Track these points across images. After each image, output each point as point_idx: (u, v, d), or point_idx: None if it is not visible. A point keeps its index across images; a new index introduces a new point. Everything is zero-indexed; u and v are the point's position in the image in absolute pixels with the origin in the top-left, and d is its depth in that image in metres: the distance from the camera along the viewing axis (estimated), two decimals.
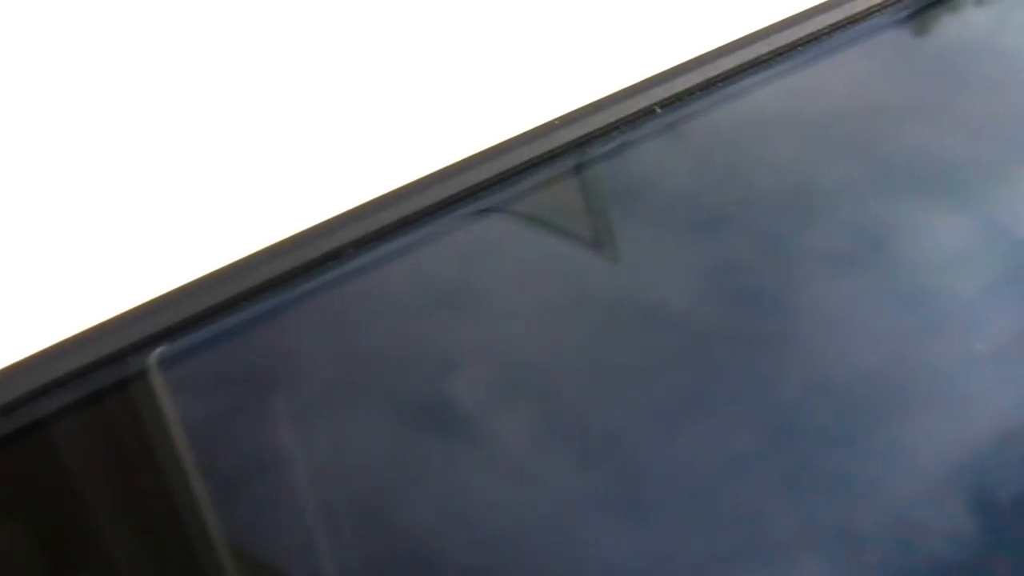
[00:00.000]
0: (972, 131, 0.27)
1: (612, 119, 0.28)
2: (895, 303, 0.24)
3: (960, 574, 0.20)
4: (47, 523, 0.22)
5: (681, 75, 0.28)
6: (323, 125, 0.35)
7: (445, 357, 0.24)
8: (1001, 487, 0.21)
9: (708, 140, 0.28)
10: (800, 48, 0.28)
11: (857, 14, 0.28)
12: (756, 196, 0.26)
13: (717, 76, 0.28)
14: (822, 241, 0.25)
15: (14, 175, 0.34)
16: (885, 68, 0.29)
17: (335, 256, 0.24)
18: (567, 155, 0.27)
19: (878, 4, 0.29)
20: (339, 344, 0.23)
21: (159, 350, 0.24)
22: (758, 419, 0.22)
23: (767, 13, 0.30)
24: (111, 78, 0.38)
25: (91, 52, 0.39)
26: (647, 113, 0.28)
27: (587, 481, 0.21)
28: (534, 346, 0.23)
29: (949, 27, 0.29)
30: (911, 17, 0.29)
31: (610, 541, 0.20)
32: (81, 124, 0.37)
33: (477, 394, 0.23)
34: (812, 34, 0.28)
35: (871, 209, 0.26)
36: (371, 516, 0.21)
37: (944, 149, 0.27)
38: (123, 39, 0.39)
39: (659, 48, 0.32)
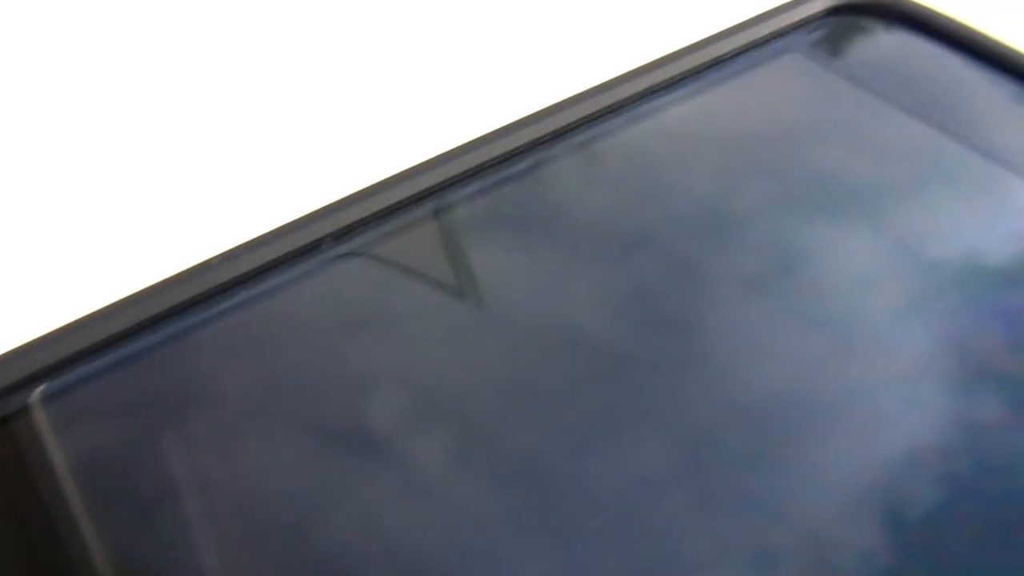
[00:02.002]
0: (882, 152, 0.27)
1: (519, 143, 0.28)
2: (807, 325, 0.23)
3: None
4: None
5: (585, 100, 0.28)
6: (185, 173, 0.34)
7: (325, 398, 0.23)
8: (912, 505, 0.20)
9: (617, 163, 0.27)
10: (707, 71, 0.28)
11: (763, 37, 0.29)
12: (665, 220, 0.26)
13: (623, 99, 0.28)
14: (733, 264, 0.25)
15: None
16: (792, 90, 0.29)
17: (197, 303, 0.24)
18: (476, 177, 0.27)
19: (783, 28, 0.29)
20: (212, 381, 0.23)
21: (42, 387, 0.23)
22: (672, 441, 0.21)
23: (664, 42, 0.30)
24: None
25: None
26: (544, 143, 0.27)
27: (502, 503, 0.20)
28: (446, 374, 0.23)
29: (857, 49, 0.29)
30: (818, 40, 0.29)
31: (526, 561, 0.20)
32: None
33: (372, 435, 0.23)
34: (720, 56, 0.29)
35: (781, 232, 0.26)
36: (280, 545, 0.20)
37: (854, 170, 0.27)
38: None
39: (555, 78, 0.32)
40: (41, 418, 0.23)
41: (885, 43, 0.29)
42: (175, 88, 0.39)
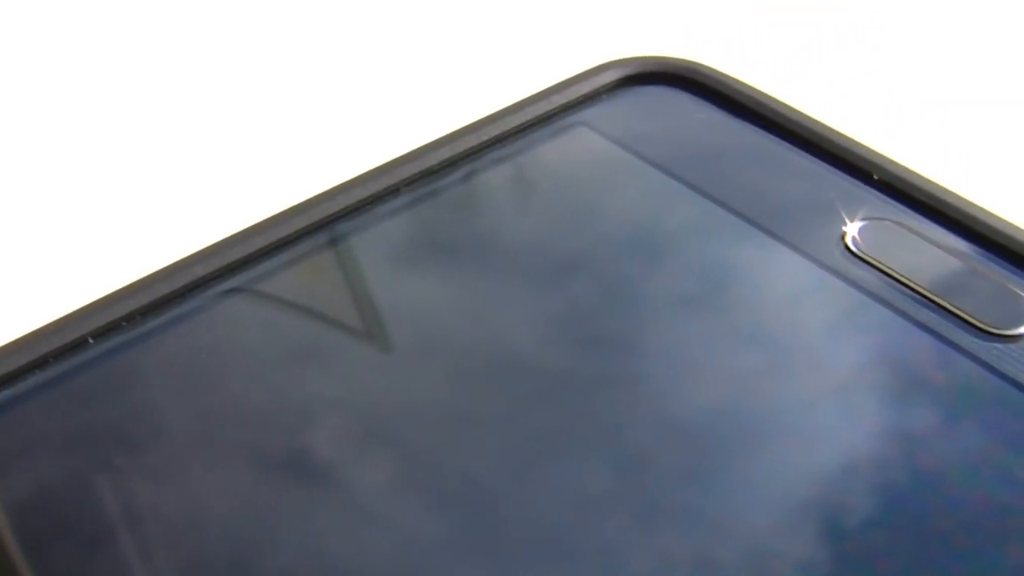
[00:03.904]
0: (659, 231, 0.27)
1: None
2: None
3: None
4: None
5: (356, 186, 0.28)
6: (80, 203, 0.34)
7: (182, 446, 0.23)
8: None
9: (385, 249, 0.27)
10: (485, 151, 0.29)
11: (550, 111, 0.30)
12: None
13: (395, 183, 0.28)
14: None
15: None
16: (575, 167, 0.29)
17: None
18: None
19: (573, 101, 0.30)
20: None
21: None
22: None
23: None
24: None
25: None
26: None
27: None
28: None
29: (649, 121, 0.29)
30: (609, 112, 0.30)
31: None
32: None
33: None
34: (501, 135, 0.29)
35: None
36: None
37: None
38: None
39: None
40: None
41: (679, 114, 0.29)
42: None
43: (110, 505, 0.21)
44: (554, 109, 0.29)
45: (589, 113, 0.29)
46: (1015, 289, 0.23)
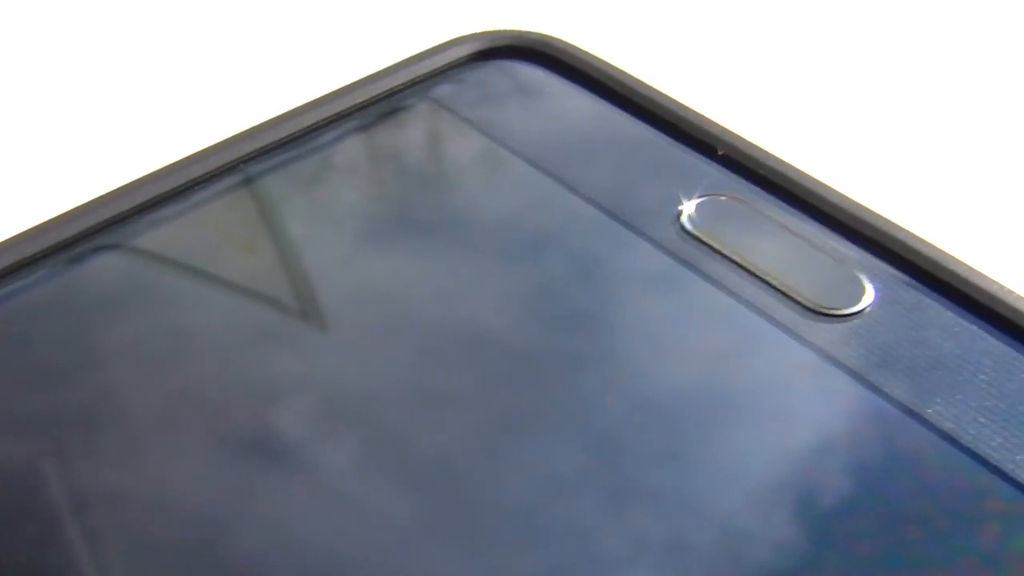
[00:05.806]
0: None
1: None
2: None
3: None
4: None
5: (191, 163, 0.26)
6: None
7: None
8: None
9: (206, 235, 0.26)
10: (328, 127, 0.28)
11: (397, 86, 0.29)
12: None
13: (228, 161, 0.27)
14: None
15: None
16: (418, 143, 0.28)
17: None
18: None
19: (422, 75, 0.29)
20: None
21: None
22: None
23: None
24: None
25: None
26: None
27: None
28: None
29: (500, 96, 0.28)
30: (459, 88, 0.29)
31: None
32: None
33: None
34: (345, 110, 0.29)
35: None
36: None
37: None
38: None
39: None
40: None
41: (530, 90, 0.27)
42: None
43: None
44: (402, 84, 0.28)
45: (439, 88, 0.28)
46: (850, 267, 0.23)
